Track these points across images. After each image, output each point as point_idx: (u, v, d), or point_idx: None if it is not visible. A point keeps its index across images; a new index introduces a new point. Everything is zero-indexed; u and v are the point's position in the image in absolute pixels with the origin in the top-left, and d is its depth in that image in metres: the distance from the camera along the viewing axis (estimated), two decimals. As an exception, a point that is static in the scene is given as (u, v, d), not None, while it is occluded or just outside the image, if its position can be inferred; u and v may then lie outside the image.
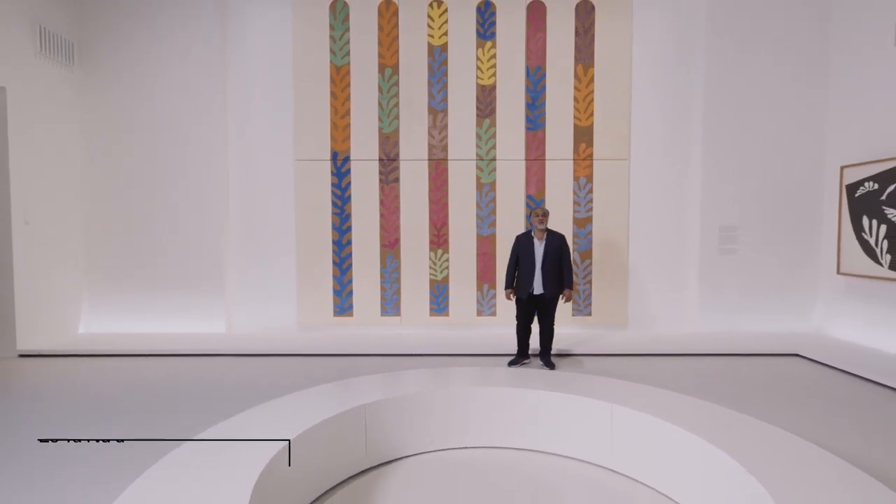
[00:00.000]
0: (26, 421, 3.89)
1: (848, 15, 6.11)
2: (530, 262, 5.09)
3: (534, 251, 5.10)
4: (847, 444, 3.37)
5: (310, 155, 6.79)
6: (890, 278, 5.39)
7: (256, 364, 5.57)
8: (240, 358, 5.82)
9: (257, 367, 5.43)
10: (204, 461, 2.36)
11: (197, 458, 2.39)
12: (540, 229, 5.08)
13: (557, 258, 5.04)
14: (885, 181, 5.45)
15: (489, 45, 6.69)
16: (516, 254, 5.17)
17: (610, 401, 3.09)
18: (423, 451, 3.30)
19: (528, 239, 5.17)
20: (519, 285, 5.16)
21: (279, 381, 4.90)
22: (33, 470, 3.07)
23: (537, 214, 5.09)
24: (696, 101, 6.59)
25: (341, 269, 6.86)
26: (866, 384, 4.71)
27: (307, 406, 3.06)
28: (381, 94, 6.75)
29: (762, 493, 2.08)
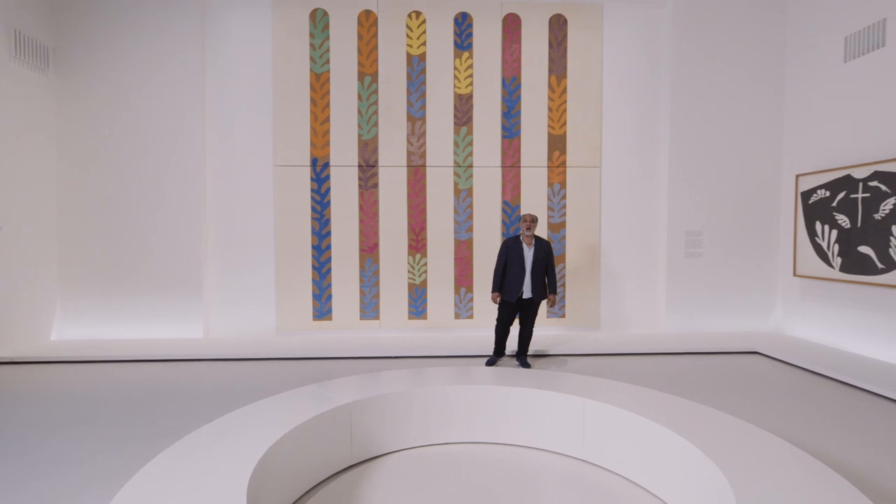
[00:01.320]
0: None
1: (801, 33, 6.52)
2: (520, 267, 5.17)
3: (523, 256, 5.19)
4: (800, 433, 3.63)
5: (289, 161, 6.86)
6: (841, 280, 5.77)
7: (234, 369, 5.60)
8: (217, 363, 5.84)
9: (235, 372, 5.46)
10: (194, 461, 2.44)
11: (189, 457, 2.47)
12: (528, 235, 5.19)
13: (545, 264, 5.21)
14: (835, 189, 5.84)
15: (466, 55, 6.89)
16: (505, 258, 5.22)
17: (582, 396, 3.27)
18: (405, 447, 3.42)
19: (517, 244, 5.22)
20: (507, 289, 5.21)
21: (258, 385, 4.95)
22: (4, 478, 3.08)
23: (526, 220, 5.18)
24: (662, 112, 6.92)
25: (321, 274, 6.93)
26: (820, 379, 5.04)
27: (292, 406, 3.15)
28: (361, 101, 6.88)
29: (720, 477, 2.28)
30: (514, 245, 5.23)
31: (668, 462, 2.74)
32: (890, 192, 5.15)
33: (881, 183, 5.24)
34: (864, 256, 5.45)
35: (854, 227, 5.57)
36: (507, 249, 5.24)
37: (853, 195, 5.59)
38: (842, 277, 5.74)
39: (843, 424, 3.87)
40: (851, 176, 5.61)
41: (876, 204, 5.30)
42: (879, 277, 5.26)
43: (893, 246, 5.11)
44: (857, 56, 5.67)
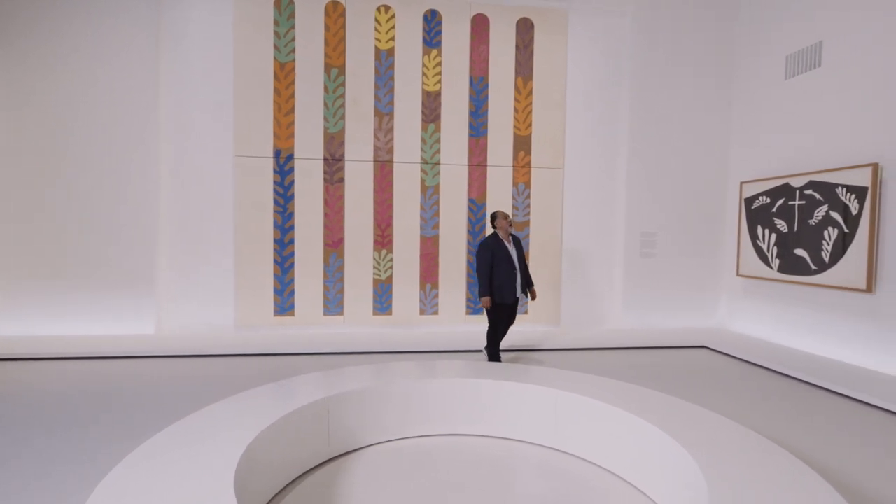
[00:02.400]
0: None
1: (747, 50, 7.00)
2: (509, 266, 5.01)
3: (510, 255, 5.06)
4: (749, 419, 3.93)
5: (251, 151, 6.65)
6: (778, 280, 6.25)
7: (190, 365, 5.39)
8: (171, 360, 5.60)
9: (190, 369, 5.26)
10: (175, 457, 2.37)
11: (168, 454, 2.39)
12: (510, 232, 5.16)
13: (523, 259, 5.23)
14: (775, 196, 6.32)
15: (435, 52, 6.93)
16: (491, 259, 4.97)
17: (555, 387, 3.41)
18: (381, 440, 3.44)
19: (498, 243, 5.04)
20: (501, 291, 4.98)
21: (214, 381, 4.79)
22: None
23: (507, 217, 5.11)
24: (622, 118, 7.24)
25: (283, 269, 6.78)
26: (761, 370, 5.45)
27: (266, 402, 3.10)
28: (327, 93, 6.77)
29: (690, 461, 2.45)
30: (497, 244, 5.04)
31: (639, 448, 2.90)
32: (823, 200, 5.63)
33: (815, 192, 5.72)
34: (799, 258, 5.93)
35: (791, 231, 6.05)
36: (492, 250, 5.01)
37: (791, 202, 6.07)
38: (780, 277, 6.22)
39: (783, 410, 4.22)
40: (790, 184, 6.08)
41: (811, 210, 5.78)
42: (813, 278, 5.75)
43: (825, 249, 5.59)
44: (797, 74, 6.15)
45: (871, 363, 5.16)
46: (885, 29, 5.10)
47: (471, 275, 7.07)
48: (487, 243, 5.08)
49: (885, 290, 5.04)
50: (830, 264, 5.52)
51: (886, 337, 5.03)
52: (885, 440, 3.67)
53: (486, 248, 5.05)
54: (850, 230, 5.29)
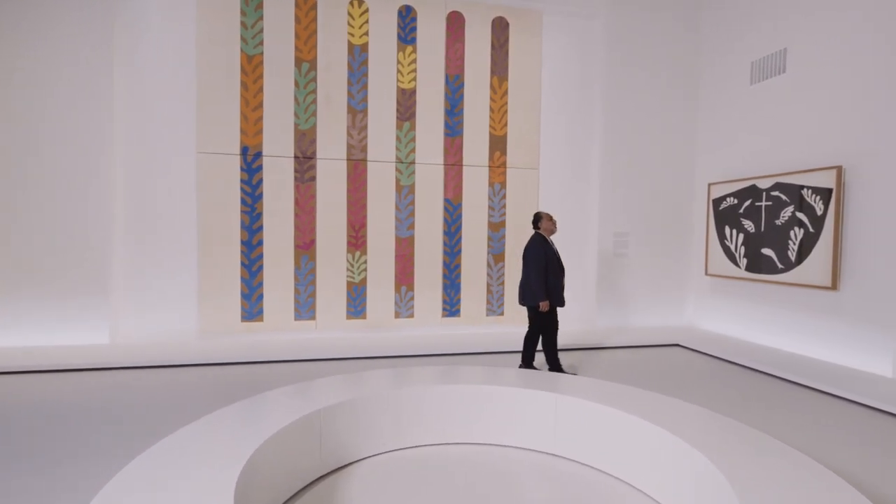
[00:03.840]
0: None
1: (713, 54, 7.22)
2: (559, 268, 4.88)
3: (559, 256, 4.95)
4: (730, 412, 4.00)
5: (216, 148, 6.29)
6: (746, 278, 6.46)
7: (149, 377, 5.01)
8: (128, 371, 5.20)
9: (151, 381, 4.88)
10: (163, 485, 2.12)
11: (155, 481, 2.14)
12: (554, 232, 5.03)
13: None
14: (742, 197, 6.53)
15: (410, 49, 6.77)
16: (545, 260, 4.79)
17: (554, 391, 3.33)
18: (377, 452, 3.26)
19: (548, 244, 4.89)
20: (556, 294, 4.84)
21: (180, 394, 4.44)
22: None
23: (552, 218, 5.01)
24: (595, 121, 7.31)
25: (251, 272, 6.44)
26: (732, 366, 5.61)
27: (254, 417, 2.87)
28: (298, 89, 6.49)
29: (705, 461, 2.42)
30: (547, 245, 4.87)
31: (645, 451, 2.86)
32: (789, 201, 5.86)
33: (781, 193, 5.95)
34: (766, 257, 6.15)
35: (758, 231, 6.27)
36: (545, 250, 4.83)
37: (758, 203, 6.29)
38: (747, 276, 6.44)
39: (757, 403, 4.33)
40: (756, 186, 6.30)
41: (777, 211, 6.01)
42: (780, 276, 5.97)
43: (791, 248, 5.82)
44: (762, 80, 6.39)
45: (836, 357, 5.40)
46: (847, 37, 5.35)
47: (446, 276, 6.95)
48: (538, 242, 4.88)
49: (849, 288, 5.29)
50: (797, 263, 5.75)
51: (850, 332, 5.28)
52: (855, 428, 3.81)
53: (539, 248, 4.84)
54: (816, 230, 5.53)
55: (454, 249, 6.98)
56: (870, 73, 5.13)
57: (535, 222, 5.07)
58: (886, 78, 4.98)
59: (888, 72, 4.97)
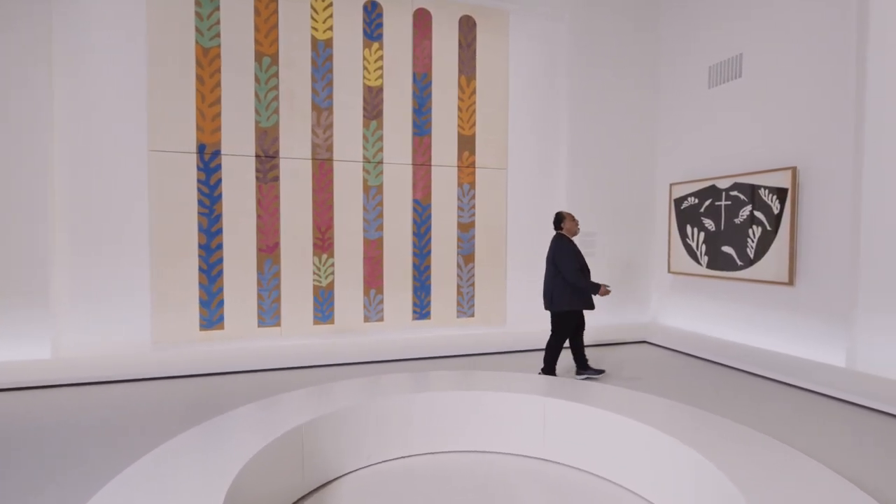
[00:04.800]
0: None
1: (672, 58, 7.43)
2: (588, 269, 4.81)
3: (584, 257, 4.86)
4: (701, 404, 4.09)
5: (169, 146, 5.89)
6: (706, 275, 6.69)
7: (97, 394, 4.63)
8: (73, 388, 4.79)
9: (99, 398, 4.51)
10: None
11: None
12: (576, 233, 4.92)
13: None
14: (702, 197, 6.76)
15: (376, 46, 6.59)
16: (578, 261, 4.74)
17: (542, 395, 3.28)
18: (361, 466, 3.11)
19: (573, 244, 4.83)
20: (590, 297, 4.81)
21: (134, 413, 4.11)
22: None
23: (574, 218, 4.94)
24: (561, 121, 7.37)
25: (210, 277, 6.08)
26: (699, 361, 5.79)
27: (225, 440, 2.66)
28: (259, 84, 6.18)
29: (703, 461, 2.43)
30: (574, 246, 4.82)
31: (637, 452, 2.85)
32: (747, 200, 6.10)
33: (740, 193, 6.19)
34: (726, 255, 6.39)
35: (718, 230, 6.50)
36: (575, 249, 4.78)
37: (717, 202, 6.52)
38: (708, 273, 6.66)
39: (730, 396, 4.47)
40: (716, 186, 6.53)
41: (736, 210, 6.24)
42: (739, 273, 6.21)
43: (750, 246, 6.06)
44: (719, 84, 6.63)
45: (792, 350, 5.66)
46: (801, 43, 5.61)
47: (416, 278, 6.82)
48: (568, 245, 4.78)
49: (804, 283, 5.55)
50: (755, 260, 5.99)
51: (805, 325, 5.54)
52: (813, 415, 3.99)
53: (569, 248, 4.74)
54: (773, 228, 5.77)
55: (424, 251, 6.86)
56: (819, 78, 5.41)
57: (558, 223, 4.97)
58: (834, 83, 5.26)
59: (836, 77, 5.24)
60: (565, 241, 4.83)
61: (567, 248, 4.74)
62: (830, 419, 4.04)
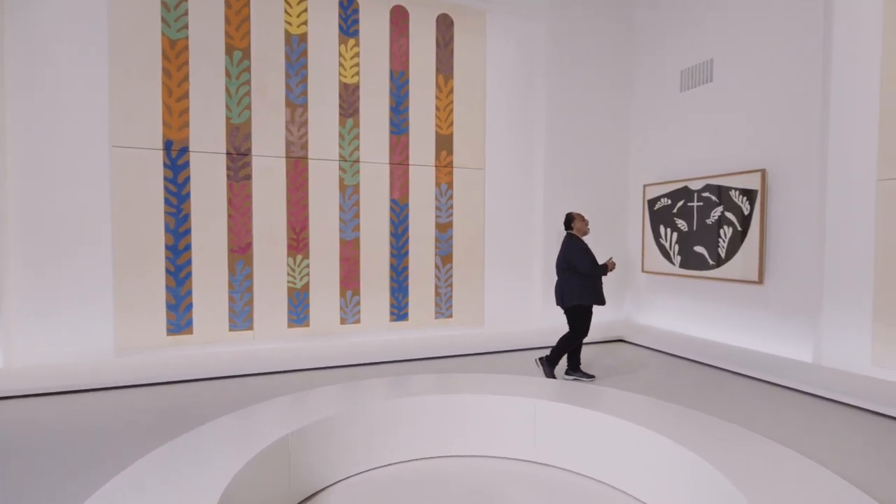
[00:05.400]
0: None
1: (646, 61, 7.58)
2: (598, 265, 4.88)
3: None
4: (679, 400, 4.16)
5: (134, 142, 5.60)
6: (679, 275, 6.84)
7: (58, 406, 4.33)
8: (28, 400, 4.47)
9: (56, 410, 4.21)
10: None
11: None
12: (586, 233, 5.01)
13: None
14: (675, 198, 6.91)
15: (352, 42, 6.45)
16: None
17: (533, 397, 3.25)
18: (349, 474, 3.00)
19: (585, 243, 4.92)
20: (600, 293, 4.88)
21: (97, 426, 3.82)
22: None
23: (584, 218, 5.04)
24: (538, 122, 7.40)
25: (177, 279, 5.81)
26: (673, 358, 5.90)
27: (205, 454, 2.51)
28: (230, 79, 5.95)
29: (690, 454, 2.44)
30: (587, 245, 4.89)
31: (628, 452, 2.85)
32: (718, 201, 6.27)
33: (712, 194, 6.35)
34: (698, 255, 6.55)
35: (691, 230, 6.66)
36: (587, 247, 4.88)
37: (690, 203, 6.68)
38: (681, 272, 6.81)
39: (709, 393, 4.57)
40: (688, 187, 6.69)
41: (708, 211, 6.41)
42: (711, 272, 6.37)
43: (721, 246, 6.23)
44: (691, 88, 6.79)
45: (763, 346, 5.84)
46: (769, 51, 5.81)
47: (394, 279, 6.71)
48: (580, 243, 4.87)
49: (773, 282, 5.74)
50: (726, 259, 6.16)
51: (774, 323, 5.73)
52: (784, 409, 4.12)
53: (582, 246, 4.84)
54: (743, 229, 5.95)
55: (401, 251, 6.76)
56: (787, 85, 5.60)
57: (568, 223, 5.03)
58: (800, 90, 5.46)
59: (802, 84, 5.45)
60: (576, 240, 4.91)
61: (578, 246, 4.85)
62: (800, 412, 4.18)
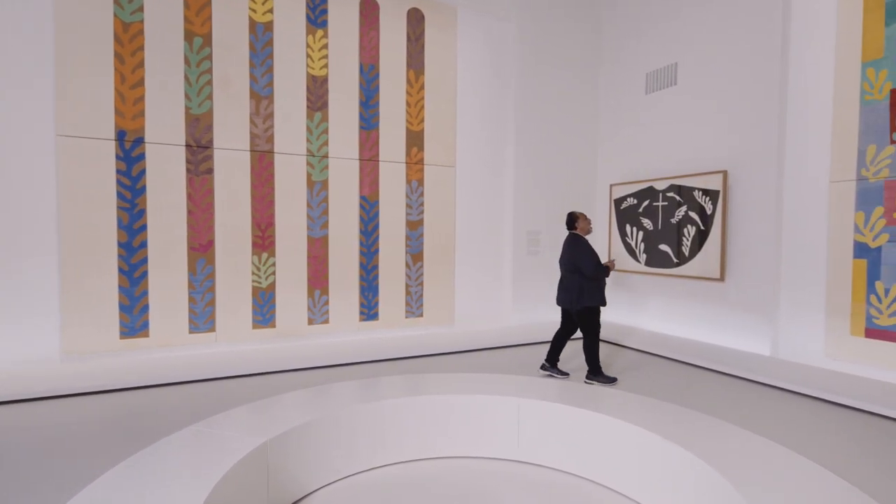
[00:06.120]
0: None
1: (613, 67, 7.73)
2: (601, 265, 4.83)
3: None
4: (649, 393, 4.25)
5: (82, 131, 5.21)
6: (646, 272, 7.01)
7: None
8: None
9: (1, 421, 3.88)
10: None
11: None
12: (589, 232, 5.00)
13: None
14: (641, 198, 7.07)
15: (321, 33, 6.25)
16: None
17: (516, 395, 3.21)
18: (330, 480, 2.87)
19: (588, 242, 4.91)
20: (603, 294, 4.86)
21: (43, 439, 3.52)
22: None
23: (587, 217, 5.03)
24: (508, 120, 7.41)
25: (132, 279, 5.45)
26: (641, 354, 6.03)
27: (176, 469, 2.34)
28: (189, 67, 5.64)
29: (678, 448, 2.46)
30: (591, 245, 4.88)
31: (615, 449, 2.86)
32: (682, 201, 6.46)
33: (676, 194, 6.54)
34: (663, 253, 6.73)
35: (656, 229, 6.83)
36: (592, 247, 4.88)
37: (655, 203, 6.85)
38: (646, 270, 6.99)
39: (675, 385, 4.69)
40: (654, 187, 6.86)
41: (672, 210, 6.59)
42: (675, 270, 6.56)
43: (685, 244, 6.42)
44: (656, 90, 6.97)
45: (725, 341, 6.06)
46: (731, 57, 6.02)
47: (364, 277, 6.56)
48: (585, 242, 4.86)
49: (733, 279, 5.97)
50: (690, 257, 6.35)
51: (735, 318, 5.95)
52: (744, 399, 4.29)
53: (587, 244, 4.84)
54: (706, 228, 6.15)
55: (371, 249, 6.61)
56: (747, 90, 5.83)
57: (571, 223, 5.01)
58: (760, 95, 5.69)
59: (761, 90, 5.68)
60: (580, 240, 4.90)
61: (584, 247, 4.82)
62: (760, 402, 4.36)
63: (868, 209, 4.91)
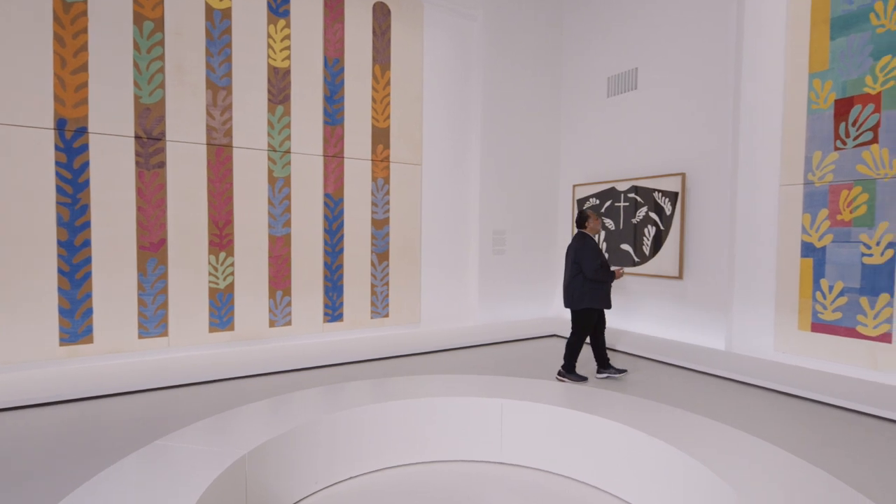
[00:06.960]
0: None
1: (575, 70, 7.87)
2: (607, 266, 4.76)
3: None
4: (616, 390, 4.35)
5: (16, 118, 4.75)
6: (606, 271, 7.18)
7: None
8: None
9: None
10: None
11: None
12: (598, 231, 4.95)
13: None
14: (603, 198, 7.24)
15: (283, 23, 5.99)
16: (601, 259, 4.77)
17: (500, 396, 3.18)
18: (310, 492, 2.72)
19: (596, 243, 4.85)
20: (607, 296, 4.80)
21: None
22: None
23: (598, 217, 4.96)
24: (474, 119, 7.39)
25: (73, 280, 5.02)
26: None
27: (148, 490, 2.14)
28: (139, 53, 5.25)
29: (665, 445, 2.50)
30: (598, 245, 4.84)
31: (602, 447, 2.87)
32: (643, 202, 6.66)
33: (637, 195, 6.73)
34: (625, 252, 6.91)
35: (618, 228, 7.02)
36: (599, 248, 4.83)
37: (617, 203, 7.03)
38: (608, 269, 7.15)
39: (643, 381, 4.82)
40: (615, 188, 7.04)
41: (633, 211, 6.79)
42: (636, 268, 6.76)
43: (646, 244, 6.62)
44: (617, 94, 7.15)
45: (683, 336, 6.29)
46: (687, 62, 6.25)
47: (328, 277, 6.35)
48: (592, 243, 4.79)
49: (691, 277, 6.21)
50: (650, 256, 6.56)
51: (692, 315, 6.20)
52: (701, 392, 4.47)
53: (594, 245, 4.77)
54: (665, 228, 6.37)
55: (336, 249, 6.41)
56: (703, 96, 6.08)
57: (581, 222, 4.92)
58: (715, 101, 5.95)
59: (716, 96, 5.94)
60: (588, 239, 4.84)
61: (590, 247, 4.76)
62: (717, 394, 4.56)
63: (814, 211, 5.22)
